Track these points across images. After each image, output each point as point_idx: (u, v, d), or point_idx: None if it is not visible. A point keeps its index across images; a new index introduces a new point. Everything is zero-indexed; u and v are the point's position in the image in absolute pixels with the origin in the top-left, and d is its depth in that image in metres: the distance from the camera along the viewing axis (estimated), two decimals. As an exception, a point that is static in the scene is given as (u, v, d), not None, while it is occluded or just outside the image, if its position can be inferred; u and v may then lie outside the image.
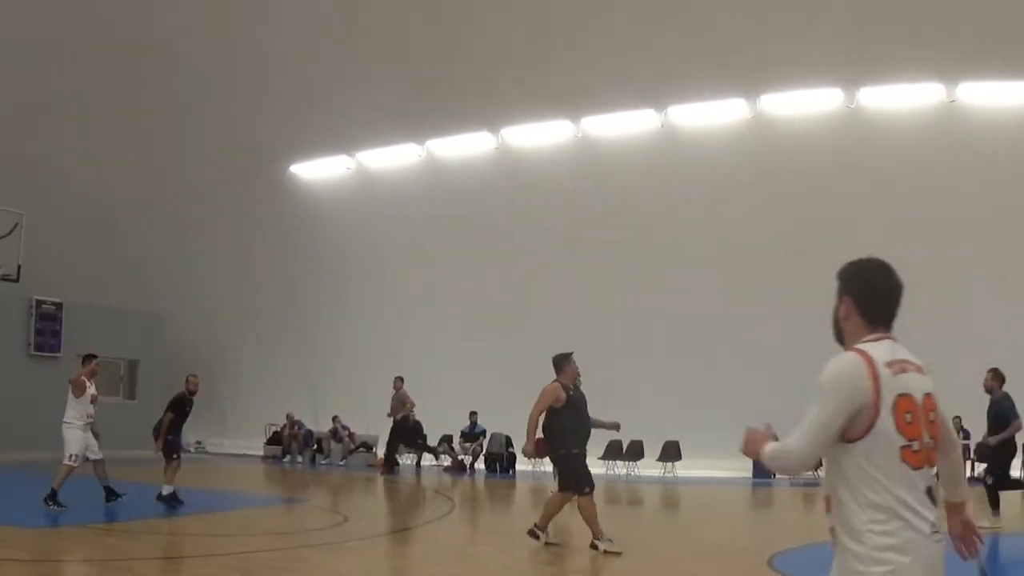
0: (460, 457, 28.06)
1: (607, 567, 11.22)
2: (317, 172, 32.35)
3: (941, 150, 23.25)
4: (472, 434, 27.63)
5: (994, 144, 22.90)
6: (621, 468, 25.99)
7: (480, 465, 27.75)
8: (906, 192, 23.53)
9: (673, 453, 25.89)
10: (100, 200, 29.85)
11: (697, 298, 25.79)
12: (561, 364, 12.54)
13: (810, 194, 24.28)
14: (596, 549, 11.78)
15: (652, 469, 26.01)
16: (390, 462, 26.57)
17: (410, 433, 26.93)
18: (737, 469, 22.95)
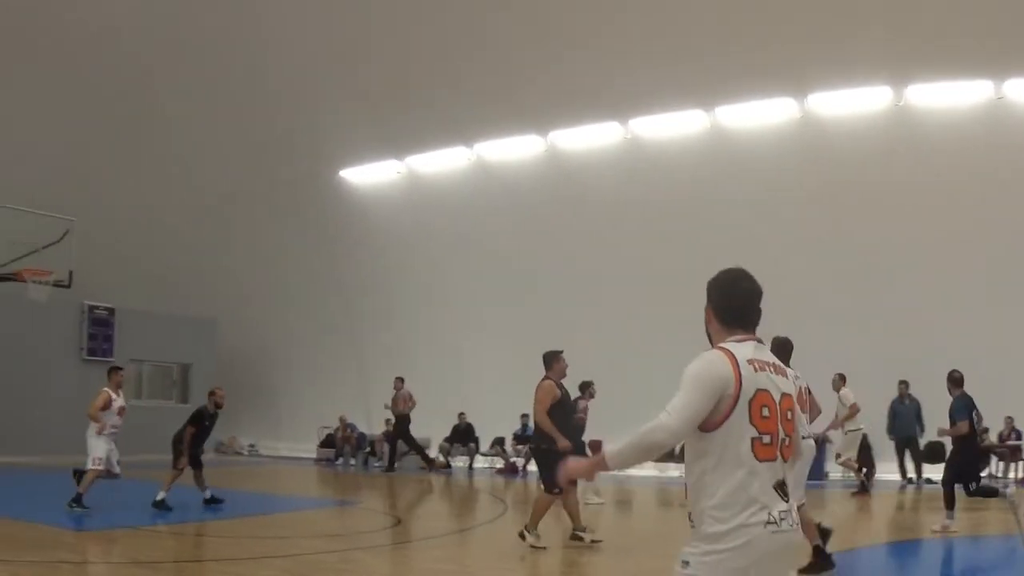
0: (512, 459, 28.00)
1: (662, 568, 11.03)
2: (367, 177, 32.32)
3: (992, 148, 22.87)
4: (524, 436, 27.54)
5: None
6: (674, 471, 25.79)
7: (532, 467, 27.61)
8: (956, 190, 23.13)
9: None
10: (151, 205, 29.99)
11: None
12: (551, 361, 12.69)
13: (859, 193, 23.96)
14: (524, 539, 12.13)
15: None
16: (391, 462, 27.53)
17: (406, 434, 27.54)
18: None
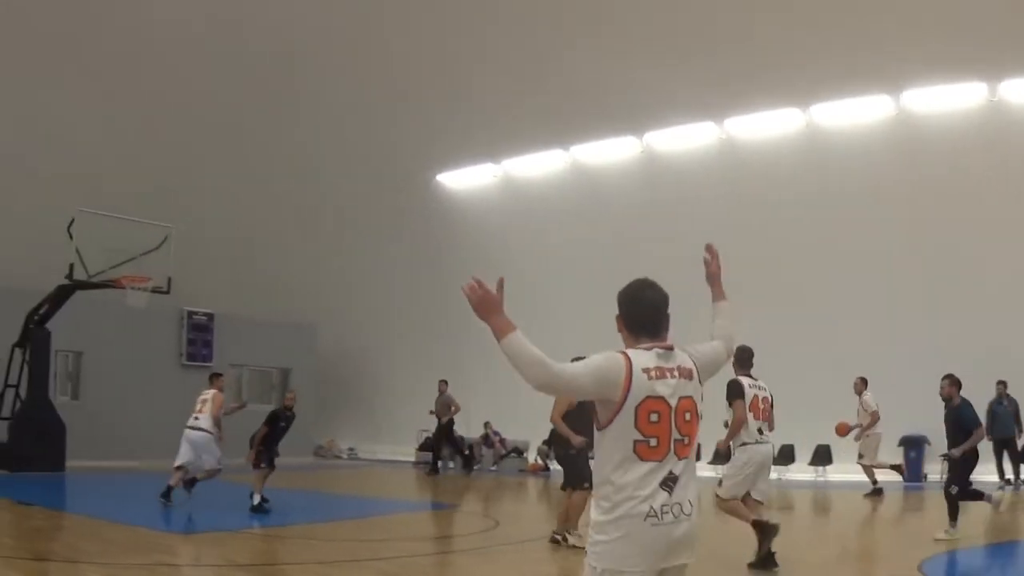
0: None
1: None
2: (463, 181, 32.38)
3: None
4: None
5: None
6: (772, 473, 25.38)
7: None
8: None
9: (824, 457, 25.21)
10: (250, 211, 30.22)
11: (848, 302, 24.95)
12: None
13: (956, 191, 23.36)
14: (560, 543, 12.50)
15: (803, 474, 25.33)
16: (435, 464, 27.61)
17: (451, 436, 28.12)
18: (887, 474, 22.12)
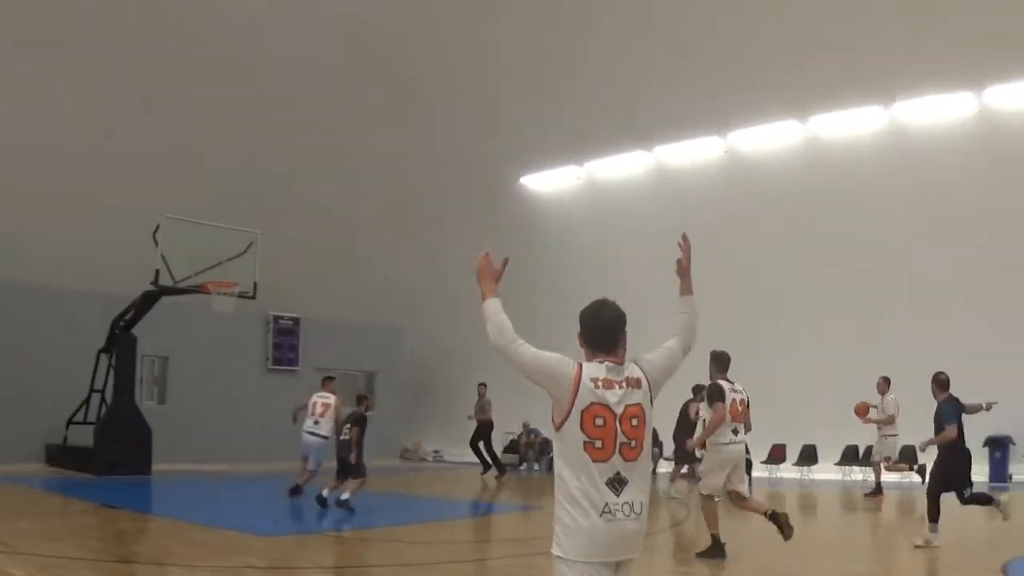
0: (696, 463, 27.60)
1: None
2: (547, 183, 32.43)
3: None
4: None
5: None
6: (858, 473, 25.10)
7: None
8: None
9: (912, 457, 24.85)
10: (334, 215, 30.39)
11: (930, 299, 24.50)
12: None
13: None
14: None
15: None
16: (484, 461, 27.76)
17: (487, 440, 28.02)
18: (976, 475, 21.74)
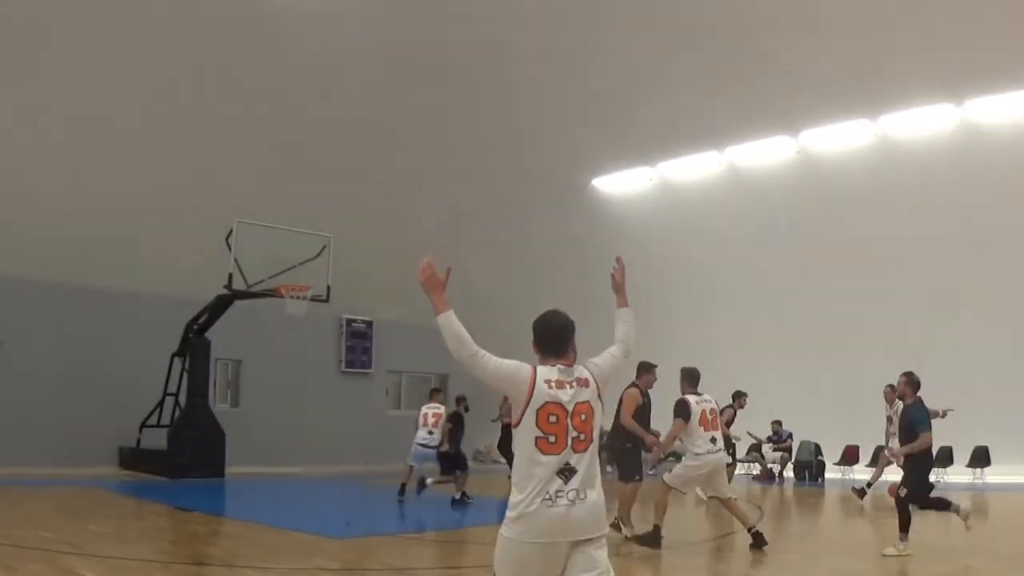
0: (769, 465, 27.52)
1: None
2: (619, 186, 32.36)
3: None
4: (779, 441, 27.02)
5: None
6: (930, 475, 24.84)
7: (789, 473, 27.11)
8: None
9: (983, 459, 24.60)
10: (406, 218, 30.51)
11: (1015, 299, 24.26)
12: (642, 372, 14.70)
13: None
14: (618, 531, 13.62)
15: (961, 476, 24.68)
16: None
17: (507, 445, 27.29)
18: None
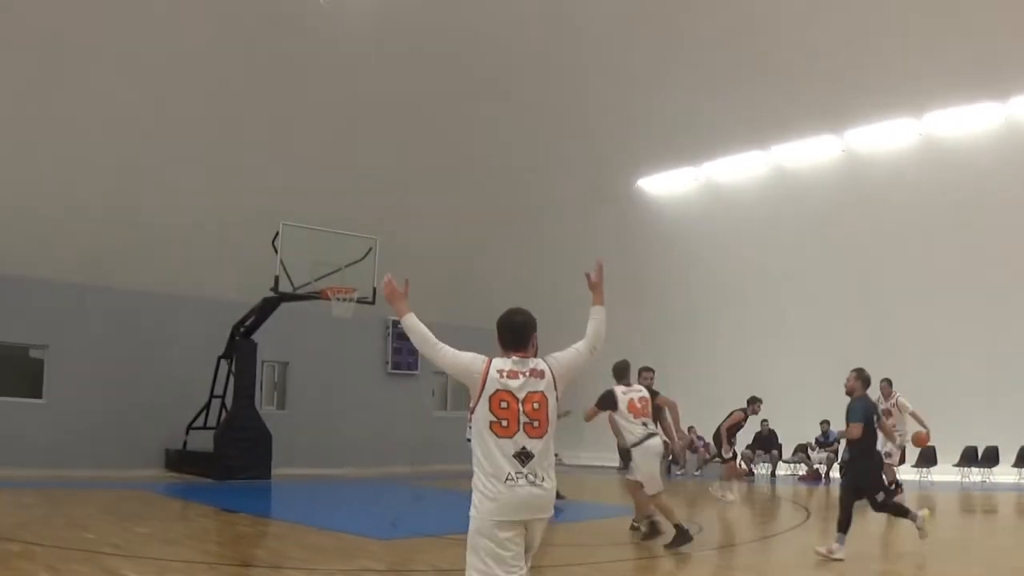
0: (815, 466, 27.42)
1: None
2: (664, 186, 32.31)
3: None
4: (826, 443, 26.89)
5: None
6: (976, 475, 24.73)
7: (835, 474, 26.98)
8: None
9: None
10: (451, 220, 30.62)
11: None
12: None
13: None
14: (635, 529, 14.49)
15: (1008, 476, 24.58)
16: None
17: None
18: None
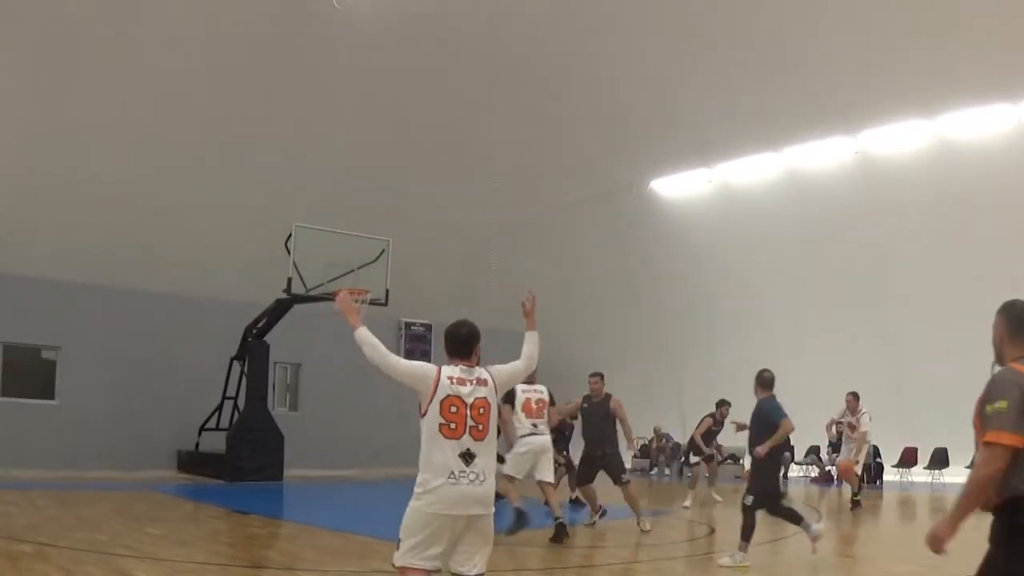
0: (827, 468, 27.51)
1: None
2: (678, 188, 32.30)
3: None
4: (837, 446, 26.95)
5: None
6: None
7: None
8: None
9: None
10: (466, 222, 30.63)
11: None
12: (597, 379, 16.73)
13: None
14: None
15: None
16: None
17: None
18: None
